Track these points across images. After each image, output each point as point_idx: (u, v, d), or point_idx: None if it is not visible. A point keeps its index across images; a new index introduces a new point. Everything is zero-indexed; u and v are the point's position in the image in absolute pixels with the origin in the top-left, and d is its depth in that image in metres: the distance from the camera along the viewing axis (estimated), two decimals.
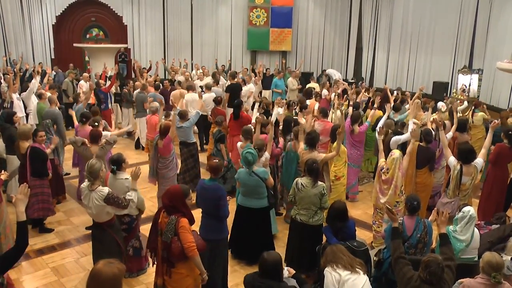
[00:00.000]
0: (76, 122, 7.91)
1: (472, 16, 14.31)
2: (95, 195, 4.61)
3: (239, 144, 6.77)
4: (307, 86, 13.49)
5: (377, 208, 6.23)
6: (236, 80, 11.60)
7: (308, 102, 9.61)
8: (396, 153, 5.96)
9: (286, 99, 11.08)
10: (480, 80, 13.36)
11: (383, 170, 6.01)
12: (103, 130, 7.23)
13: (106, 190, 4.67)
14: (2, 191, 5.66)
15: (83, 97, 8.99)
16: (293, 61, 19.27)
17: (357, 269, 3.62)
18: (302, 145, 6.61)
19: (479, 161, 5.79)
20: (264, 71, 15.37)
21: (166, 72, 16.42)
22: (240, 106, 8.89)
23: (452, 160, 5.85)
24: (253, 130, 6.87)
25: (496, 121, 6.48)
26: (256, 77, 13.05)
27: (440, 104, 9.85)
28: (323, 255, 3.90)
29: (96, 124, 7.28)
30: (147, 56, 18.80)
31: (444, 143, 6.14)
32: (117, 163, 5.11)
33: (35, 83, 10.54)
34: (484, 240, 4.77)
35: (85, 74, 12.50)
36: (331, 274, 3.61)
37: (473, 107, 10.56)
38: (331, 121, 8.71)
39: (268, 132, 6.95)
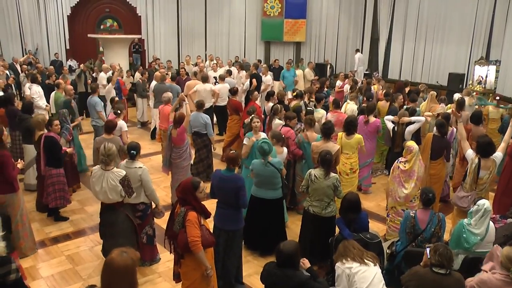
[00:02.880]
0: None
1: (491, 5, 13.99)
2: (111, 175, 4.73)
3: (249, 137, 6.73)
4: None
5: (393, 207, 6.17)
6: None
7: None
8: (414, 147, 5.91)
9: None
10: (497, 71, 13.09)
11: (400, 161, 5.95)
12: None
13: (123, 172, 4.83)
14: (19, 179, 5.75)
15: (103, 89, 9.11)
16: (307, 52, 19.13)
17: (366, 260, 3.61)
18: (314, 135, 6.58)
19: (498, 155, 5.62)
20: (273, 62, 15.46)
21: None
22: (250, 97, 8.94)
23: (470, 153, 5.70)
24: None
25: None
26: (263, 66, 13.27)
27: (457, 96, 9.70)
28: (335, 248, 3.90)
29: (119, 112, 7.45)
30: (161, 46, 18.85)
31: (462, 135, 6.02)
32: (136, 149, 5.19)
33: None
34: (499, 234, 4.69)
35: (105, 65, 12.56)
36: (340, 269, 3.62)
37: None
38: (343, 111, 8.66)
39: (293, 126, 6.92)
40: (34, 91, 9.42)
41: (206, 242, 3.96)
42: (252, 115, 6.94)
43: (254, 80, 11.69)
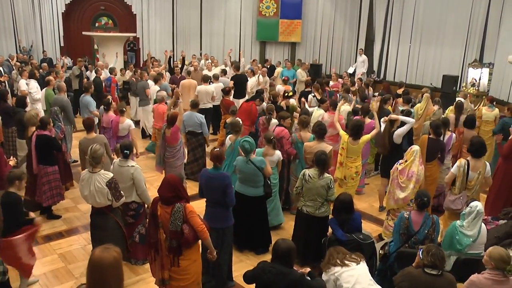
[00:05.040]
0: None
1: (485, 9, 14.08)
2: (97, 177, 4.66)
3: (228, 136, 6.72)
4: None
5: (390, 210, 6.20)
6: (241, 71, 11.75)
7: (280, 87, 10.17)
8: (414, 146, 5.96)
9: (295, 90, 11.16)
10: (490, 74, 13.18)
11: (400, 162, 5.98)
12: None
13: (111, 174, 4.76)
14: None
15: (93, 88, 9.10)
16: (302, 52, 19.15)
17: (347, 261, 3.64)
18: (308, 135, 6.59)
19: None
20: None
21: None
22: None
23: (454, 167, 5.85)
24: (241, 123, 6.86)
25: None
26: (263, 69, 13.07)
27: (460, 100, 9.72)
28: (328, 248, 3.92)
29: (124, 109, 7.52)
30: (156, 45, 18.80)
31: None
32: (130, 148, 5.16)
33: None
34: (491, 235, 4.74)
35: (100, 63, 12.50)
36: (327, 277, 3.66)
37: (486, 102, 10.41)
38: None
39: (286, 126, 6.93)
40: (32, 86, 9.39)
41: (208, 228, 4.05)
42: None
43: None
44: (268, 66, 15.29)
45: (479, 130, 8.96)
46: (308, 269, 3.63)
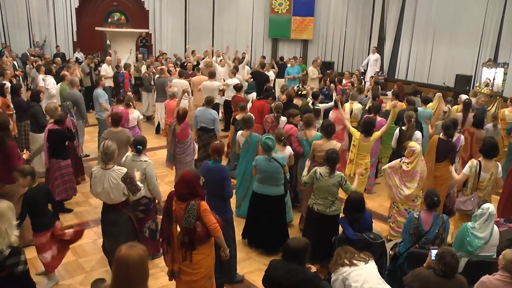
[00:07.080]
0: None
1: (500, 7, 13.86)
2: (112, 173, 4.61)
3: (239, 133, 6.73)
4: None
5: (394, 202, 6.17)
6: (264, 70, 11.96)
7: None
8: (417, 148, 5.89)
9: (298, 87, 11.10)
10: (505, 74, 13.01)
11: (402, 161, 5.94)
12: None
13: (124, 169, 4.73)
14: None
15: (104, 81, 9.15)
16: (314, 50, 19.08)
17: (355, 261, 3.61)
18: (313, 133, 6.56)
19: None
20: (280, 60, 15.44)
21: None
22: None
23: (466, 167, 5.77)
24: (253, 118, 6.85)
25: None
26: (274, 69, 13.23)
27: (463, 97, 9.62)
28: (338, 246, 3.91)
29: (131, 104, 7.59)
30: (168, 41, 18.86)
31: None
32: (143, 144, 5.17)
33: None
34: (503, 238, 4.68)
35: (108, 58, 12.57)
36: (335, 276, 3.65)
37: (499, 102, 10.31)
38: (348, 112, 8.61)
39: (296, 123, 6.92)
40: (49, 82, 9.46)
41: (221, 225, 4.06)
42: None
43: (247, 76, 11.56)
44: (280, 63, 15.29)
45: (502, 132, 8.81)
46: (313, 269, 3.62)
